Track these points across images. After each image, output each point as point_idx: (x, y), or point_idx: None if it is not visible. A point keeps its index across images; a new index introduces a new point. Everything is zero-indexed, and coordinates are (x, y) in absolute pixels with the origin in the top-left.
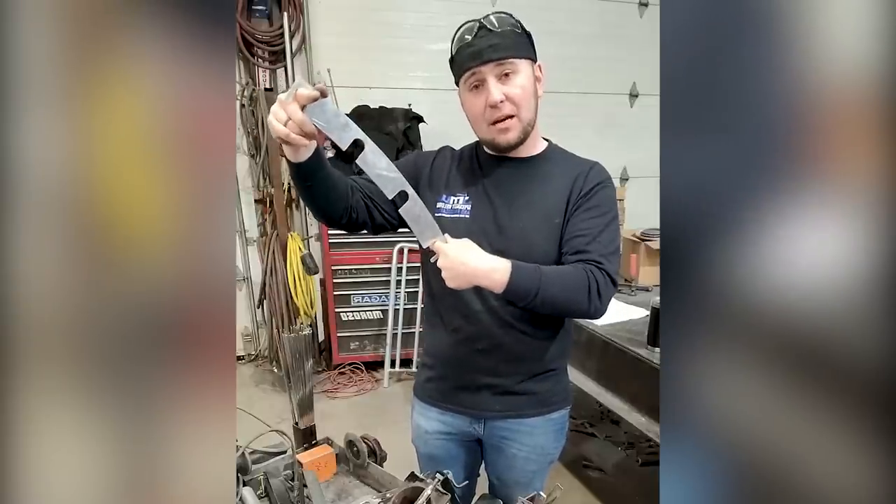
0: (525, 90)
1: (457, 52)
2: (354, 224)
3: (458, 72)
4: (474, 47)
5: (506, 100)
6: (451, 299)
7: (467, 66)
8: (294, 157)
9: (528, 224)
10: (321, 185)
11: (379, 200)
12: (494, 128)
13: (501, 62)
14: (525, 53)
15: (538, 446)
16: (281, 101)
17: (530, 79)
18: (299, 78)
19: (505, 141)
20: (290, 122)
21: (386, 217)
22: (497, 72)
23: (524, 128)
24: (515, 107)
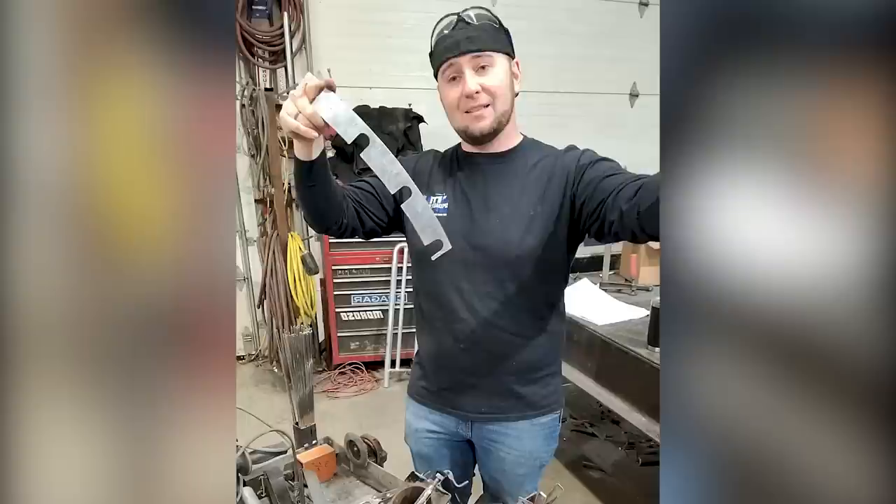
0: (501, 82)
1: (435, 44)
2: (346, 230)
3: (436, 63)
4: (452, 39)
5: (481, 90)
6: (435, 298)
7: (444, 57)
8: (305, 154)
9: (505, 218)
10: (324, 187)
11: (369, 206)
12: (469, 115)
13: (478, 54)
14: (502, 48)
15: (526, 451)
16: (291, 96)
17: (507, 73)
18: (308, 74)
19: (478, 129)
20: (300, 116)
21: (376, 221)
22: (474, 64)
23: (498, 118)
24: (491, 97)
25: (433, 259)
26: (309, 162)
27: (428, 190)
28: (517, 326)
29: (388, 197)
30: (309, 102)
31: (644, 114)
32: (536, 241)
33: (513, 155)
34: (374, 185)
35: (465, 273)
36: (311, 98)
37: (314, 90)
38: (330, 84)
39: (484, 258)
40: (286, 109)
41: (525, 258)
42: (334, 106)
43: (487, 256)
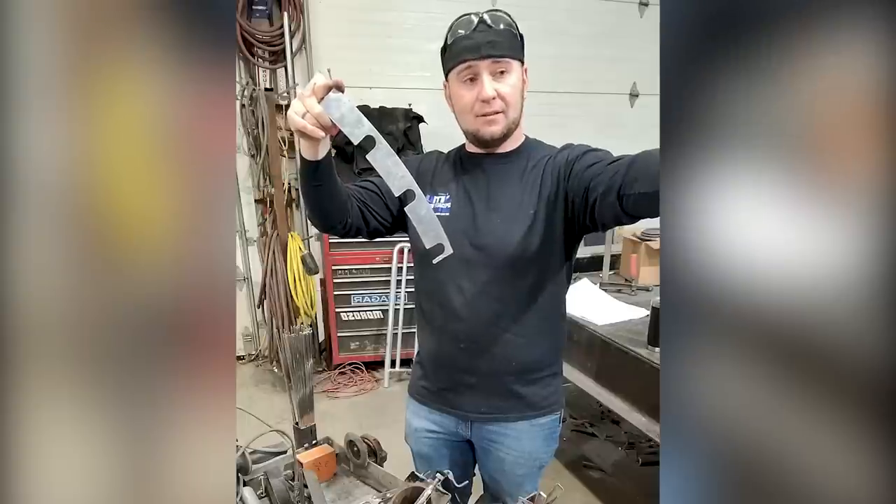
0: (515, 89)
1: (453, 42)
2: (350, 229)
3: (451, 63)
4: (472, 40)
5: (497, 97)
6: (436, 298)
7: (463, 57)
8: (311, 154)
9: (507, 218)
10: (329, 187)
11: (373, 206)
12: (481, 119)
13: (498, 60)
14: (518, 55)
15: (525, 452)
16: (300, 95)
17: (520, 80)
18: (317, 74)
19: (490, 133)
20: (308, 115)
21: (380, 221)
22: (492, 69)
23: (509, 125)
24: (505, 104)
25: (434, 262)
26: (315, 161)
27: (431, 189)
28: (518, 326)
29: (393, 197)
30: (317, 102)
31: (644, 114)
32: (538, 241)
33: (515, 155)
34: (379, 185)
35: (466, 272)
36: (320, 98)
37: (323, 90)
38: (338, 84)
39: (486, 258)
40: (294, 108)
41: (527, 258)
42: (342, 106)
43: (489, 256)
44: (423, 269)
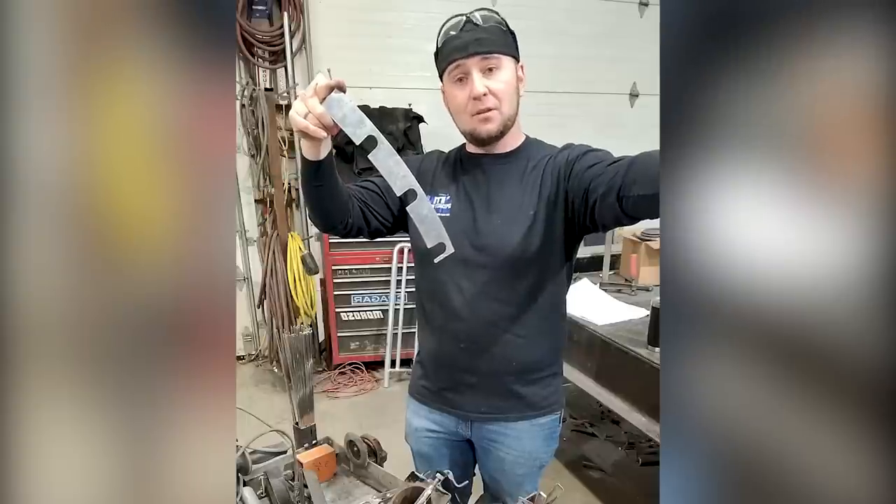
0: (508, 85)
1: (442, 44)
2: (351, 229)
3: (442, 64)
4: (461, 40)
5: (489, 93)
6: (436, 297)
7: (452, 58)
8: (313, 154)
9: (507, 218)
10: (331, 187)
11: (375, 206)
12: (476, 118)
13: (486, 56)
14: (509, 51)
15: (525, 451)
16: (301, 96)
17: (513, 76)
18: (319, 75)
19: (486, 131)
20: (310, 115)
21: (381, 221)
22: (482, 65)
23: (504, 121)
24: (497, 100)
25: (436, 262)
26: (317, 162)
27: (432, 190)
28: (518, 326)
29: (394, 197)
30: (319, 102)
31: (644, 114)
32: (538, 241)
33: (515, 155)
34: (380, 185)
35: (466, 273)
36: (322, 98)
37: (325, 90)
38: (340, 85)
39: (486, 258)
40: (296, 109)
41: (526, 258)
42: (344, 107)
43: (489, 256)
44: (423, 269)
